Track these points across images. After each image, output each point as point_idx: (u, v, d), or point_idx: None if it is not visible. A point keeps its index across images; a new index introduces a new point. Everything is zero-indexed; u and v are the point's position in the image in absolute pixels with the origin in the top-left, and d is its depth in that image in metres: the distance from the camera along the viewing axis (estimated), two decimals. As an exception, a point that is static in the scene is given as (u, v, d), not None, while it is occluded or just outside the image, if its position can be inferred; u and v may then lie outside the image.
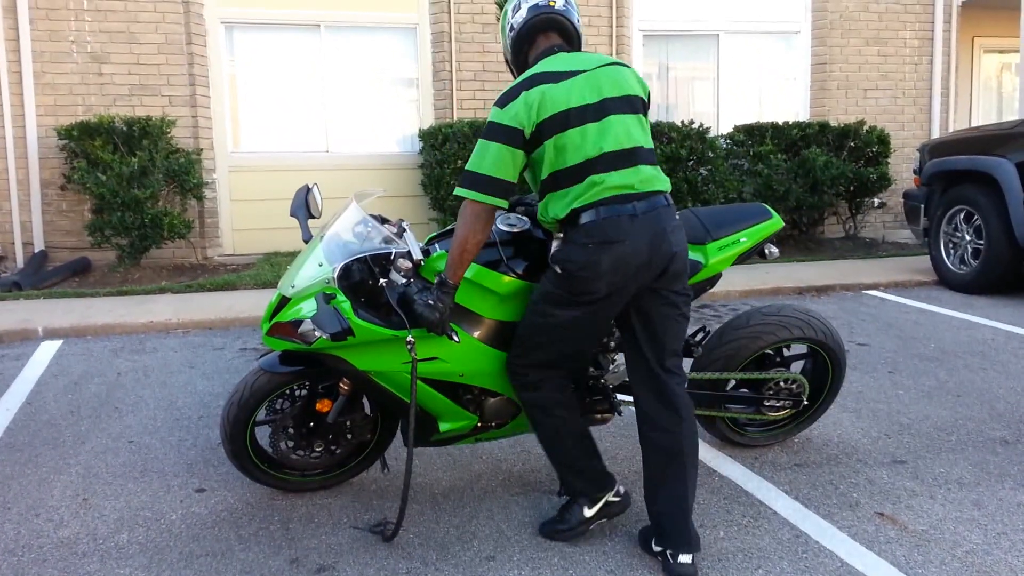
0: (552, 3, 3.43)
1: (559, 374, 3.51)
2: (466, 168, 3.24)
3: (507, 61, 3.64)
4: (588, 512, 3.54)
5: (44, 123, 9.68)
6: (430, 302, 3.27)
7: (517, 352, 3.48)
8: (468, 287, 3.54)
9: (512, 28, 3.49)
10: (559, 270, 3.27)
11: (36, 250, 9.69)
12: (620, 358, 4.34)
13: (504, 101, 3.24)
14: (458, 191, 3.25)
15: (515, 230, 3.65)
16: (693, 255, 3.97)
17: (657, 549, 3.36)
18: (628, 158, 3.28)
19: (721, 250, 3.98)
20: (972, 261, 8.51)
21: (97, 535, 3.69)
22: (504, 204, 3.26)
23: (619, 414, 3.98)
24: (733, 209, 4.14)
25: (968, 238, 8.56)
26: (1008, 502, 3.91)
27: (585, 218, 3.23)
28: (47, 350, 6.65)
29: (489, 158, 3.21)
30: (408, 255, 3.43)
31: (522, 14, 3.45)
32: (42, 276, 8.91)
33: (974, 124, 13.82)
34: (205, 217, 10.20)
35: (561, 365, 3.50)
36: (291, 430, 3.86)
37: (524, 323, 3.44)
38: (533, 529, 3.69)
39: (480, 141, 3.23)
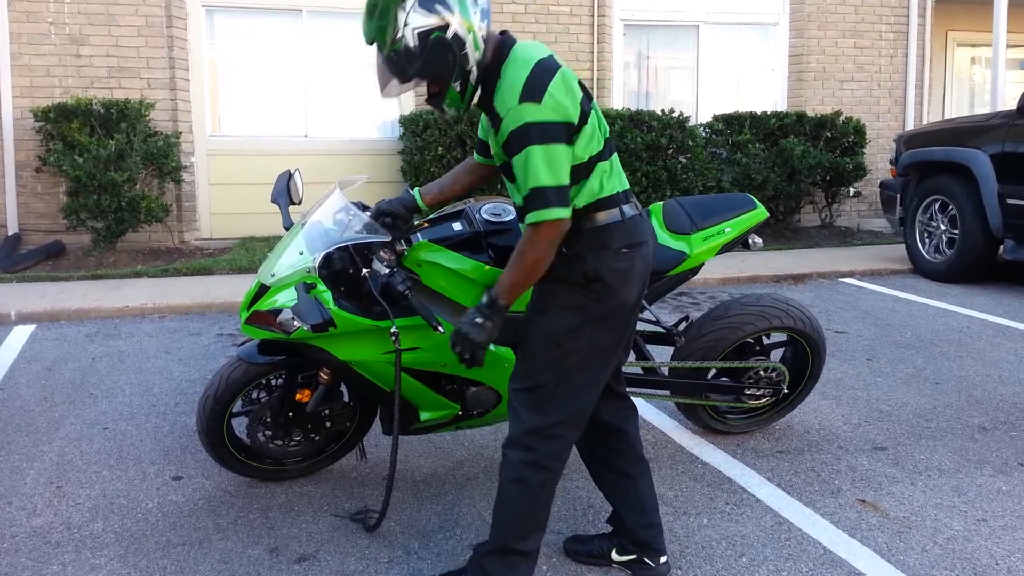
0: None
1: (585, 423, 3.04)
2: (539, 186, 2.67)
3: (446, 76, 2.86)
4: None
5: (20, 105, 9.54)
6: (478, 320, 2.83)
7: (544, 415, 2.90)
8: (451, 277, 3.52)
9: (483, 35, 2.83)
10: (601, 285, 2.83)
11: (9, 233, 9.56)
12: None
13: (535, 94, 2.67)
14: (544, 215, 2.68)
15: (499, 220, 3.63)
16: (678, 245, 3.97)
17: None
18: (612, 147, 2.99)
19: (705, 240, 3.99)
20: (947, 250, 8.60)
21: (71, 524, 3.64)
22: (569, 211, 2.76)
23: None
24: (718, 199, 4.15)
25: (943, 228, 8.65)
26: (987, 489, 3.94)
27: (610, 218, 2.85)
28: (20, 335, 6.58)
29: (559, 164, 2.69)
30: (391, 245, 3.39)
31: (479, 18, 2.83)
32: (15, 259, 8.80)
33: (946, 116, 14.00)
34: (182, 201, 10.11)
35: (592, 406, 3.01)
36: (269, 420, 3.84)
37: (551, 376, 2.88)
38: None
39: (537, 148, 2.66)
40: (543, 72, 2.71)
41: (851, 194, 11.49)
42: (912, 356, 6.00)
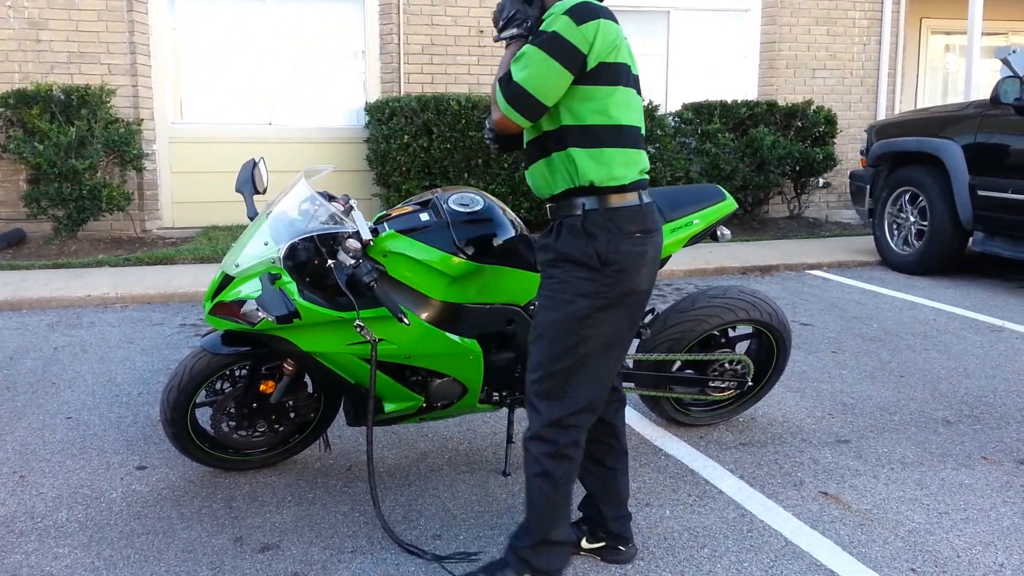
0: None
1: (599, 411, 3.04)
2: (511, 79, 2.78)
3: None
4: None
5: None
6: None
7: (562, 405, 2.91)
8: (417, 268, 3.52)
9: None
10: (614, 270, 2.83)
11: (-31, 221, 9.49)
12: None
13: (580, 16, 2.74)
14: (499, 97, 2.81)
15: (467, 210, 3.62)
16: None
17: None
18: (641, 137, 3.02)
19: (674, 232, 3.98)
20: (916, 242, 8.63)
21: (35, 513, 3.64)
22: (528, 124, 2.84)
23: None
24: (687, 190, 4.14)
25: (912, 219, 8.68)
26: (950, 482, 3.98)
27: (626, 201, 2.88)
28: (-19, 323, 6.57)
29: (545, 77, 2.75)
30: (357, 235, 3.38)
31: None
32: (-26, 247, 8.75)
33: (919, 105, 14.02)
34: (144, 189, 10.05)
35: (606, 394, 3.02)
36: (233, 411, 3.86)
37: (567, 365, 2.88)
38: (480, 507, 3.71)
39: (534, 49, 2.75)
40: (598, 9, 2.78)
41: (820, 185, 11.53)
42: (878, 349, 6.03)
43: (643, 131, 2.98)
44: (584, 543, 3.31)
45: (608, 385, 2.97)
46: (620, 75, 2.85)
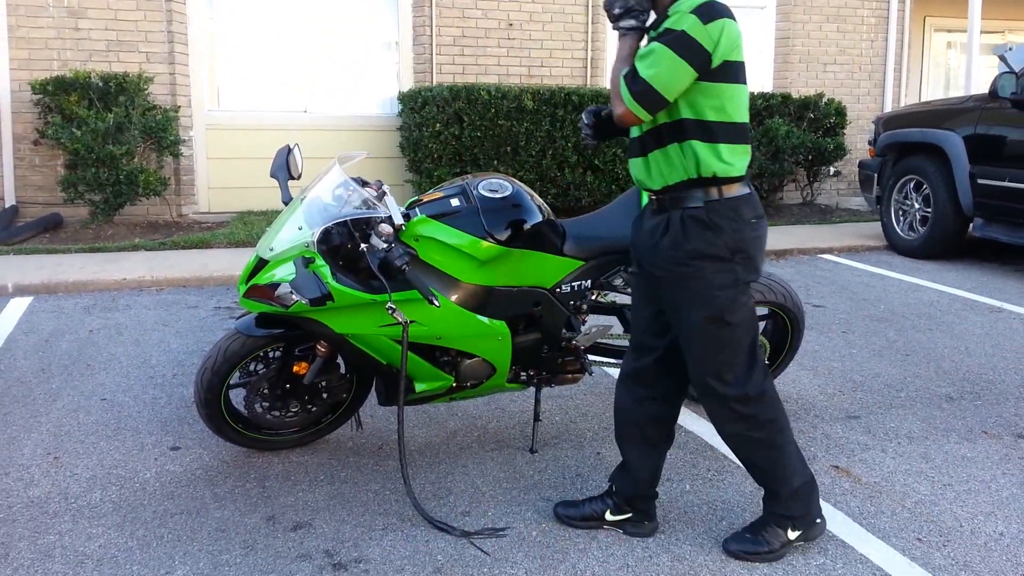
0: None
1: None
2: (638, 74, 2.85)
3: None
4: (792, 535, 3.23)
5: (18, 77, 9.43)
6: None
7: (739, 385, 3.09)
8: (448, 252, 3.59)
9: None
10: (743, 256, 3.01)
11: (7, 205, 9.47)
12: (591, 320, 4.43)
13: (707, 16, 2.83)
14: (624, 92, 2.87)
15: (496, 196, 3.69)
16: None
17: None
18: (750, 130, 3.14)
19: None
20: (920, 228, 8.80)
21: (69, 494, 3.66)
22: (649, 118, 2.92)
23: (590, 374, 4.07)
24: None
25: (917, 206, 8.83)
26: (953, 455, 4.09)
27: (743, 190, 3.02)
28: (17, 307, 6.57)
29: (671, 76, 2.83)
30: (389, 220, 3.44)
31: None
32: (12, 231, 8.75)
33: (923, 99, 14.17)
34: (181, 175, 10.05)
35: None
36: (266, 392, 3.88)
37: (731, 353, 3.06)
38: (508, 484, 3.77)
39: (662, 48, 2.83)
40: (723, 9, 2.88)
41: (831, 173, 11.65)
42: (885, 329, 6.15)
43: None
44: (608, 515, 3.39)
45: (758, 339, 3.15)
46: (739, 73, 2.96)
